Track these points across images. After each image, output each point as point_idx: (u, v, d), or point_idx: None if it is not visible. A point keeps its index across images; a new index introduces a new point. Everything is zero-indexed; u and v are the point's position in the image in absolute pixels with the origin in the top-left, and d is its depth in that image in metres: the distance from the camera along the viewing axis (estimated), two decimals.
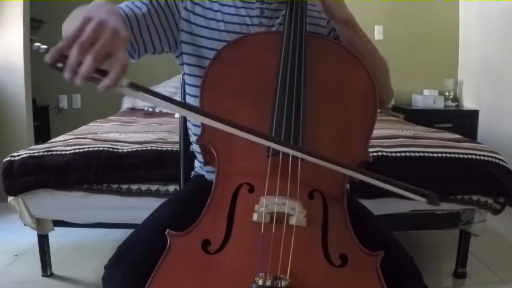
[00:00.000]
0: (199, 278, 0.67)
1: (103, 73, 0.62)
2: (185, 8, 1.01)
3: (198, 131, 1.05)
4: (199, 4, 1.02)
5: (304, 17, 0.95)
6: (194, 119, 0.73)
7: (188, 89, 1.06)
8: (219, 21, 1.01)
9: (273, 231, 0.70)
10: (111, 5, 0.72)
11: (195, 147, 1.12)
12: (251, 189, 0.77)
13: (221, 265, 0.68)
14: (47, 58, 0.60)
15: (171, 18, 1.00)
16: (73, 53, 0.60)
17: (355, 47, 0.95)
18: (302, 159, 0.76)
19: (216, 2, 1.03)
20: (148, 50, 1.01)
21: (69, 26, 0.76)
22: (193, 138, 1.11)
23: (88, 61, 0.60)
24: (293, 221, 0.71)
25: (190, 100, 1.06)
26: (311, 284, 0.67)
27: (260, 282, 0.64)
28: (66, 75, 0.61)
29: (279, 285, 0.64)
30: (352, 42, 0.95)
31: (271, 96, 0.85)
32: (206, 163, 0.92)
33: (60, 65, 0.61)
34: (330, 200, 0.78)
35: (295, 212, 0.71)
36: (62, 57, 0.61)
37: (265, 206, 0.71)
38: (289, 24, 0.93)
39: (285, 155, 0.76)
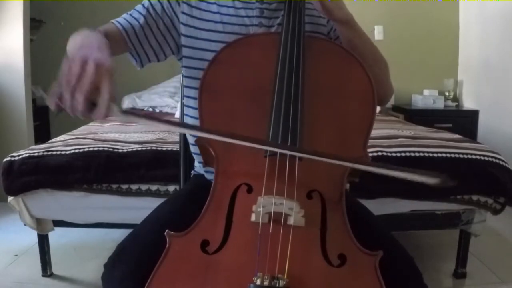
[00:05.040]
0: (198, 278, 0.68)
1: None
2: (183, 12, 1.01)
3: None
4: (196, 7, 1.02)
5: (302, 17, 0.95)
6: (188, 133, 0.78)
7: (188, 91, 1.07)
8: (217, 22, 1.01)
9: (270, 231, 0.70)
10: (96, 34, 0.77)
11: (192, 149, 1.12)
12: (250, 190, 0.77)
13: (220, 265, 0.69)
14: (50, 106, 0.66)
15: (169, 24, 1.00)
16: (66, 97, 0.65)
17: (355, 46, 0.95)
18: (299, 159, 0.77)
19: (214, 3, 1.03)
20: (151, 58, 1.02)
21: (69, 48, 0.81)
22: (190, 140, 1.11)
23: (79, 100, 0.64)
24: (291, 221, 0.71)
25: (190, 101, 1.06)
26: (309, 284, 0.67)
27: (258, 282, 0.64)
28: (69, 112, 0.66)
29: (277, 285, 0.64)
30: (352, 41, 0.95)
31: (269, 97, 0.85)
32: (206, 163, 0.92)
33: (62, 105, 0.66)
34: (329, 200, 0.78)
35: (293, 212, 0.71)
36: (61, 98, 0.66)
37: (263, 206, 0.71)
38: (287, 25, 0.93)
39: (283, 155, 0.77)
